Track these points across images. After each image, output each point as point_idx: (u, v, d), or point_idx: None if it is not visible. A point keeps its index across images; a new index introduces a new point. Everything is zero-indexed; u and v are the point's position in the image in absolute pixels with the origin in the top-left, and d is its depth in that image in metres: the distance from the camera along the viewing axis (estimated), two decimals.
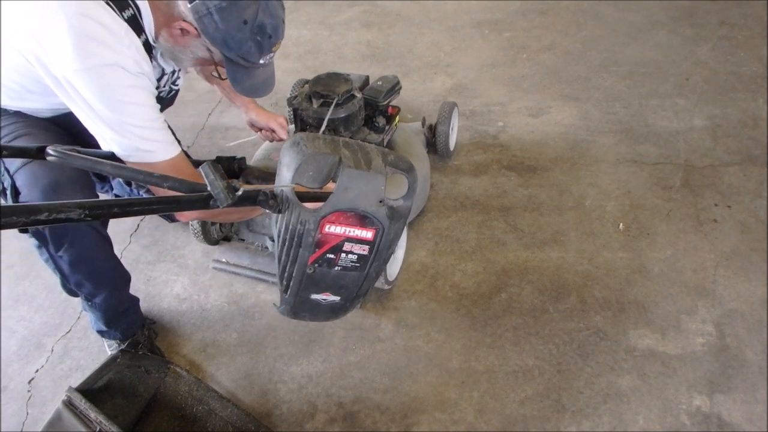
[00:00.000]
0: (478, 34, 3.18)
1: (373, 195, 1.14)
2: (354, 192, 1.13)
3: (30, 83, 1.21)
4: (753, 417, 1.32)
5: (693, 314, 1.56)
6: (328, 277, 1.25)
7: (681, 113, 2.40)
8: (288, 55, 3.05)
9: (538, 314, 1.59)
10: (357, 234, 1.18)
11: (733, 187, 1.98)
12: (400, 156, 1.20)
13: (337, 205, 1.12)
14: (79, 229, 1.24)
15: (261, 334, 1.59)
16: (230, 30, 1.13)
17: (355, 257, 1.22)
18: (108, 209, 0.85)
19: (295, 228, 1.15)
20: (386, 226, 1.17)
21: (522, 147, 2.26)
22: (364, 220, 1.16)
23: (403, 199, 1.21)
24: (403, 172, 1.19)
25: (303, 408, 1.41)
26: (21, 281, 1.81)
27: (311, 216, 1.13)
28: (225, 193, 0.97)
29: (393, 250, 1.25)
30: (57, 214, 0.75)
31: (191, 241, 1.91)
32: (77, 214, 0.78)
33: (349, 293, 1.30)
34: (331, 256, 1.20)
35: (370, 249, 1.21)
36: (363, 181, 1.13)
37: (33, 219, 0.72)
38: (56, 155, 1.07)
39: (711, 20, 3.15)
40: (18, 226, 0.72)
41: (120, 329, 1.50)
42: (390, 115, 1.90)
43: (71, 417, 1.15)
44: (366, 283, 1.28)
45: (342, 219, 1.15)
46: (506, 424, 1.35)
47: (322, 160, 1.13)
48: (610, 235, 1.83)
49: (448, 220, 1.92)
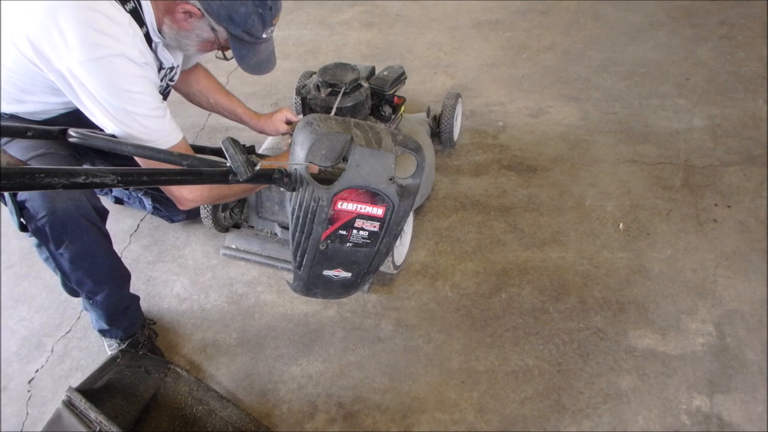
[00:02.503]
0: (478, 34, 3.18)
1: (384, 172, 1.17)
2: (365, 170, 1.17)
3: (28, 83, 1.21)
4: (753, 417, 1.32)
5: (693, 314, 1.56)
6: (340, 253, 1.28)
7: (681, 113, 2.40)
8: (288, 55, 3.05)
9: (538, 314, 1.59)
10: (368, 211, 1.22)
11: (733, 187, 1.98)
12: (408, 136, 1.24)
13: (349, 182, 1.16)
14: (79, 226, 1.24)
15: (261, 334, 1.59)
16: (234, 5, 1.17)
17: (366, 234, 1.25)
18: (138, 177, 0.90)
19: (309, 205, 1.19)
20: (396, 204, 1.21)
21: (522, 147, 2.26)
22: (375, 197, 1.20)
23: (411, 177, 1.24)
24: (411, 151, 1.23)
25: (303, 408, 1.41)
26: (21, 281, 1.81)
27: (324, 193, 1.17)
28: (244, 166, 1.01)
29: (402, 227, 1.28)
30: (93, 179, 0.80)
31: (191, 241, 1.91)
32: (111, 180, 0.83)
33: (360, 269, 1.33)
34: (343, 233, 1.24)
35: (380, 226, 1.24)
36: (374, 159, 1.16)
37: (72, 182, 0.78)
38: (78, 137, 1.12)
39: (711, 20, 3.15)
40: (58, 187, 0.77)
41: (121, 328, 1.50)
42: (396, 104, 1.94)
43: (71, 417, 1.15)
44: (376, 259, 1.32)
45: (354, 196, 1.19)
46: (506, 424, 1.34)
47: (334, 139, 1.16)
48: (610, 235, 1.83)
49: (448, 220, 1.92)
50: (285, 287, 1.72)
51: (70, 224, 1.22)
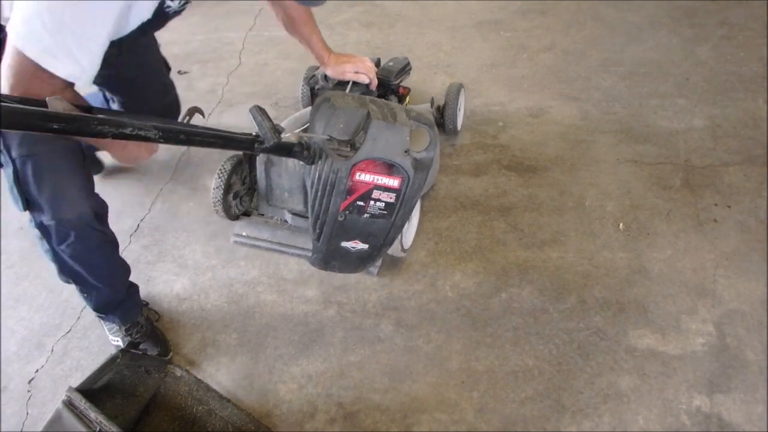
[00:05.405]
0: (478, 34, 3.18)
1: (400, 145, 1.24)
2: (382, 142, 1.24)
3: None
4: (753, 417, 1.32)
5: (693, 314, 1.56)
6: (358, 225, 1.34)
7: (681, 113, 2.40)
8: (288, 55, 3.05)
9: (538, 314, 1.59)
10: (385, 182, 1.28)
11: (733, 187, 1.98)
12: (420, 112, 1.31)
13: (367, 153, 1.23)
14: (84, 232, 1.26)
15: (261, 334, 1.59)
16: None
17: (382, 205, 1.32)
18: (176, 134, 0.96)
19: (328, 176, 1.25)
20: (411, 175, 1.27)
21: (522, 147, 2.26)
22: (392, 168, 1.26)
23: (425, 151, 1.31)
24: (424, 126, 1.31)
25: (303, 408, 1.41)
26: (21, 281, 1.81)
27: (343, 164, 1.24)
28: (271, 132, 1.06)
29: (417, 199, 1.36)
30: (138, 131, 0.86)
31: (191, 241, 1.91)
32: (154, 134, 0.88)
33: (377, 241, 1.40)
34: (361, 204, 1.30)
35: (396, 197, 1.31)
36: (390, 132, 1.23)
37: (120, 132, 0.84)
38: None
39: (711, 20, 3.14)
40: (108, 136, 0.83)
41: (117, 315, 1.51)
42: (401, 94, 1.98)
43: (71, 417, 1.15)
44: (392, 231, 1.38)
45: (371, 167, 1.25)
46: (506, 424, 1.35)
47: (352, 113, 1.25)
48: (610, 235, 1.83)
49: (448, 220, 1.92)
50: (285, 287, 1.72)
51: (75, 231, 1.25)
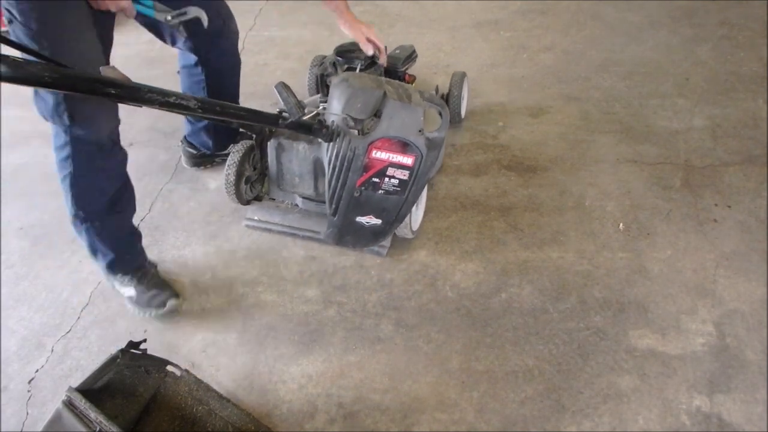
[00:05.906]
0: (478, 34, 3.18)
1: (414, 125, 1.32)
2: (397, 122, 1.32)
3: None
4: (753, 417, 1.32)
5: (693, 314, 1.56)
6: (373, 200, 1.43)
7: (681, 113, 2.40)
8: (288, 55, 3.06)
9: (538, 314, 1.59)
10: (399, 160, 1.36)
11: (733, 187, 1.98)
12: (432, 94, 1.40)
13: (383, 132, 1.31)
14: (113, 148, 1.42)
15: (261, 334, 1.59)
16: None
17: (396, 182, 1.40)
18: (212, 106, 1.06)
19: (345, 154, 1.33)
20: (424, 154, 1.35)
21: (522, 147, 2.26)
22: (406, 147, 1.34)
23: (437, 131, 1.38)
24: (437, 106, 1.39)
25: (303, 408, 1.41)
26: (21, 281, 1.81)
27: (361, 142, 1.32)
28: (296, 107, 1.14)
29: (429, 176, 1.45)
30: (181, 101, 0.98)
31: (191, 241, 1.91)
32: (193, 105, 1.00)
33: (390, 216, 1.48)
34: (376, 180, 1.39)
35: (409, 174, 1.39)
36: (405, 112, 1.31)
37: (165, 100, 0.96)
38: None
39: (711, 20, 3.15)
40: (155, 104, 0.95)
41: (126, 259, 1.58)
42: (407, 82, 2.04)
43: (71, 417, 1.15)
44: (405, 207, 1.47)
45: (387, 145, 1.33)
46: (506, 424, 1.34)
47: (369, 93, 1.32)
48: (610, 235, 1.83)
49: (448, 220, 1.92)
50: (285, 287, 1.72)
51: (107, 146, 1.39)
